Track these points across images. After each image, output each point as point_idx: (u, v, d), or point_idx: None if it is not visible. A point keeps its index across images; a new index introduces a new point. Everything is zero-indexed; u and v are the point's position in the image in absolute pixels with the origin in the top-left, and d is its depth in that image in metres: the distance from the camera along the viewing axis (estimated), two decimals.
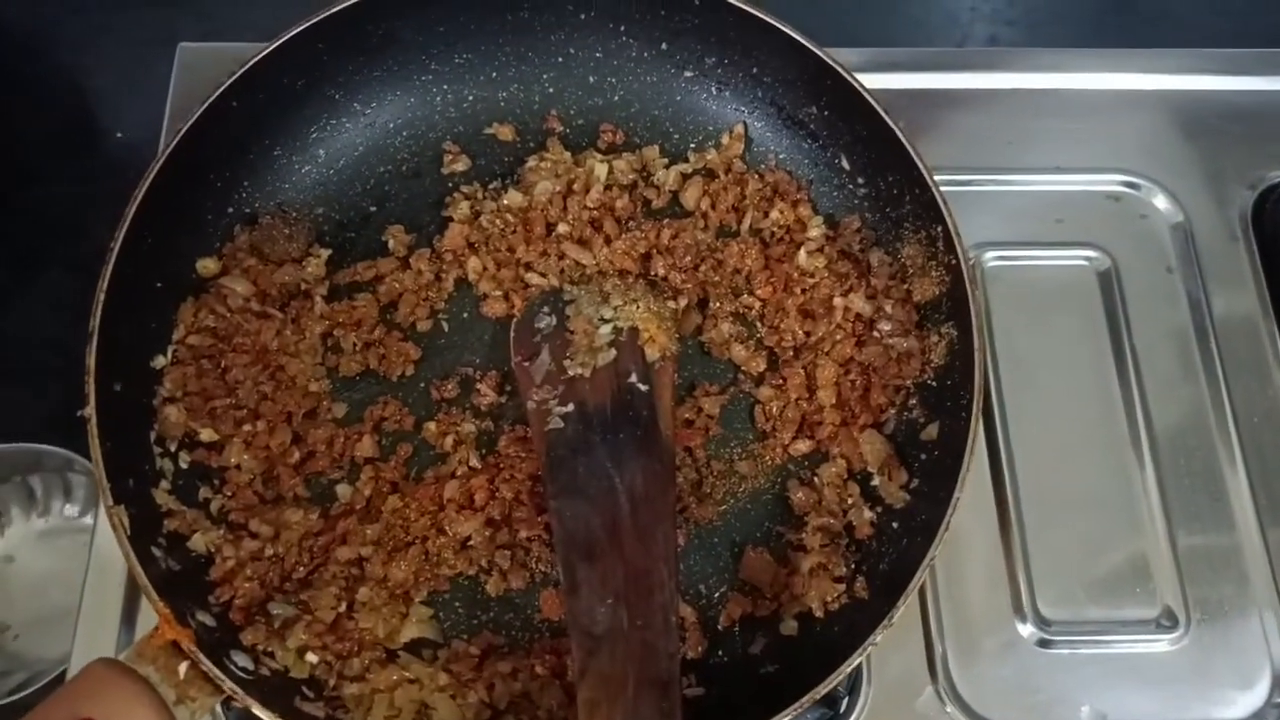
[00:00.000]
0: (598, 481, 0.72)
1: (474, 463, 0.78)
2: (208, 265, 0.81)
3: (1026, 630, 0.80)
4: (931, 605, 0.81)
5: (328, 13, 0.79)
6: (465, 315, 0.84)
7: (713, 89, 0.88)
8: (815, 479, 0.78)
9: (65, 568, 1.01)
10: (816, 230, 0.84)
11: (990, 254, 0.93)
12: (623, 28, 0.86)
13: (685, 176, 0.87)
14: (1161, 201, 0.95)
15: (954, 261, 0.75)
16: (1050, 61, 1.01)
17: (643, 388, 0.77)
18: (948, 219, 0.75)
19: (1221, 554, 0.83)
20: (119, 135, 1.14)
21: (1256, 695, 0.79)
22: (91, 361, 0.68)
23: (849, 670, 0.65)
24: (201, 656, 0.63)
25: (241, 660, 0.67)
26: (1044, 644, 0.80)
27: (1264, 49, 1.02)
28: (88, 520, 1.01)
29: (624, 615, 0.66)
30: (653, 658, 0.65)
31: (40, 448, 0.97)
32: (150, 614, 0.75)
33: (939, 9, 1.26)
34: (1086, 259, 0.93)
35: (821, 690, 0.64)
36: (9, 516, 1.02)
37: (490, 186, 0.87)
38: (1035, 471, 0.85)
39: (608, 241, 0.84)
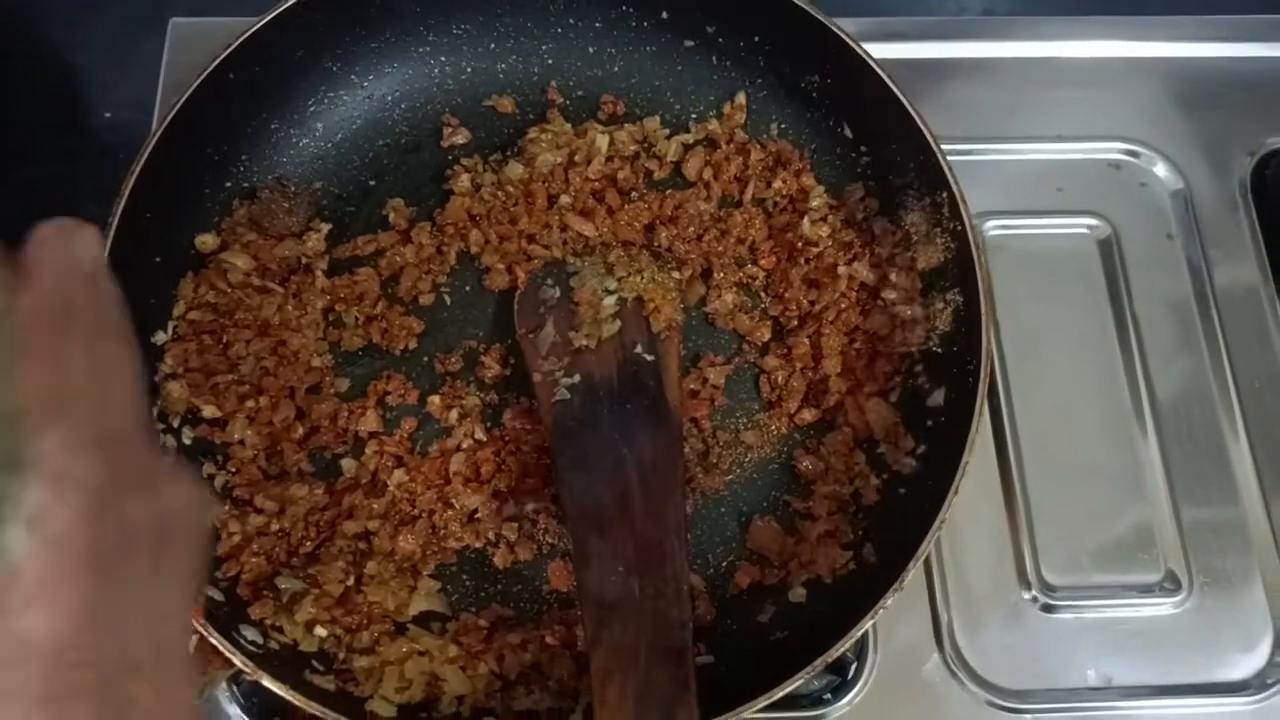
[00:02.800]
0: (606, 453, 0.71)
1: (479, 436, 0.78)
2: (206, 240, 0.80)
3: (1031, 596, 0.81)
4: (937, 574, 0.81)
5: None
6: (468, 288, 0.84)
7: (713, 58, 0.87)
8: (821, 447, 0.78)
9: None
10: (819, 199, 0.83)
11: (991, 223, 0.93)
12: None
13: (687, 147, 0.86)
14: (1162, 169, 0.95)
15: (959, 228, 0.75)
16: (1051, 30, 1.01)
17: (649, 358, 0.76)
18: (953, 185, 0.75)
19: (1224, 519, 0.83)
20: (107, 115, 1.13)
21: (1258, 656, 0.80)
22: None
23: (859, 634, 0.65)
24: (211, 630, 0.63)
25: (250, 634, 0.67)
26: (1048, 609, 0.80)
27: (1263, 15, 1.02)
28: None
29: (635, 586, 0.66)
30: (665, 627, 0.65)
31: None
32: None
33: None
34: (1088, 227, 0.93)
35: (833, 654, 0.64)
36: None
37: (491, 159, 0.86)
38: (1038, 439, 0.85)
39: (610, 213, 0.83)
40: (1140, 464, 0.85)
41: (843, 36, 0.79)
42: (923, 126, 0.76)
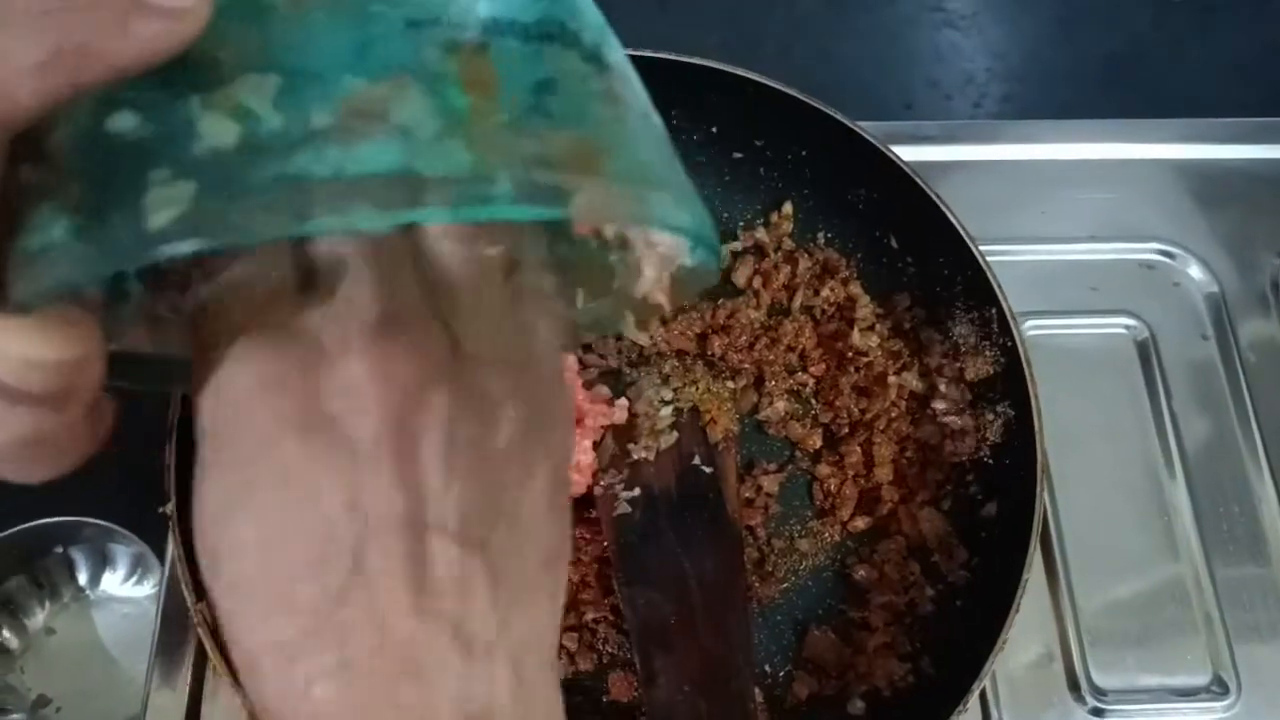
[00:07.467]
0: (668, 568, 0.73)
1: None
2: None
3: (1081, 700, 0.81)
4: (988, 675, 0.81)
5: None
6: None
7: (761, 170, 0.90)
8: (875, 556, 0.80)
9: (106, 640, 1.01)
10: (866, 309, 0.86)
11: (1028, 323, 0.94)
12: (674, 112, 0.88)
13: (735, 255, 0.89)
14: (1194, 270, 0.98)
15: (1010, 343, 0.77)
16: (1081, 132, 1.04)
17: (707, 470, 0.78)
18: (1002, 301, 0.77)
19: (1269, 619, 0.85)
20: None
21: None
22: (171, 459, 0.68)
23: None
24: None
25: None
26: (1098, 713, 0.81)
27: None
28: (128, 593, 1.00)
29: (703, 706, 0.67)
30: None
31: (80, 520, 0.97)
32: (214, 711, 0.75)
33: (956, 70, 1.29)
34: (1125, 327, 0.95)
35: None
36: (50, 589, 1.01)
37: None
38: (1081, 536, 0.86)
39: (664, 322, 0.85)
40: (1183, 565, 0.86)
41: (886, 152, 0.81)
42: (969, 242, 0.78)
